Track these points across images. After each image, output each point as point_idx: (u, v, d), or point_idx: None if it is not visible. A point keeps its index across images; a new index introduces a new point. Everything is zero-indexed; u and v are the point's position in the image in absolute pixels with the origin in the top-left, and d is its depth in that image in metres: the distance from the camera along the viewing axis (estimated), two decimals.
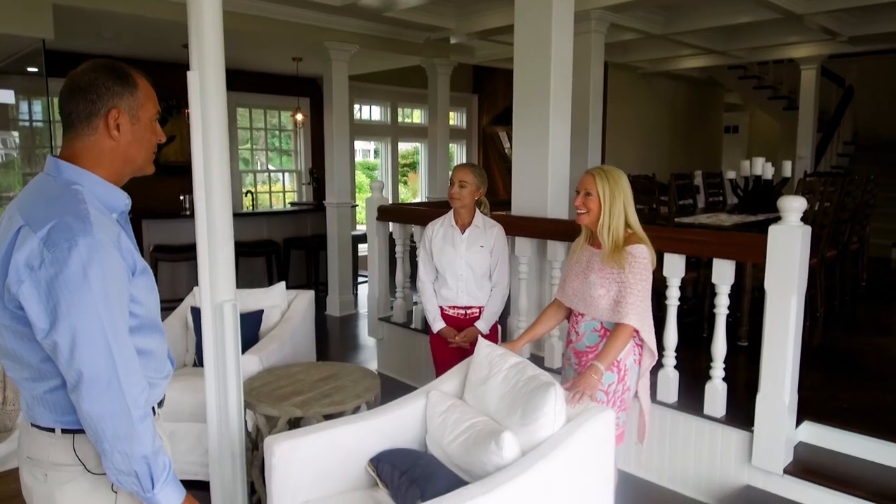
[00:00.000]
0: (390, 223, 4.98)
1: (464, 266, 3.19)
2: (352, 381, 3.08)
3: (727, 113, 12.45)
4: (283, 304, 4.05)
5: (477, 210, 3.26)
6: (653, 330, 2.48)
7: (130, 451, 1.31)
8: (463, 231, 3.22)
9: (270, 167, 9.48)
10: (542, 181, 3.99)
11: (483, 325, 3.21)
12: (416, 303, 4.82)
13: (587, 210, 2.45)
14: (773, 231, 2.80)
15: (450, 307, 3.26)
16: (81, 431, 1.36)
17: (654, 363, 2.55)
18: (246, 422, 3.06)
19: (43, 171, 1.42)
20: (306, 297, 4.14)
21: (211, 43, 2.56)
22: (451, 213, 3.28)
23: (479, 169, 3.30)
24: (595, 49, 6.01)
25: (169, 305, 4.63)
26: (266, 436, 2.83)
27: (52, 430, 1.39)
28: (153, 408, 1.54)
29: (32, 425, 1.41)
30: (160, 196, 7.61)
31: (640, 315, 2.38)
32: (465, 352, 3.16)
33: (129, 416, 1.31)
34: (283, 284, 4.12)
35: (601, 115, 6.50)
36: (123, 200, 1.46)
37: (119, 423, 1.30)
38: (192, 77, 2.56)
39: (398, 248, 4.91)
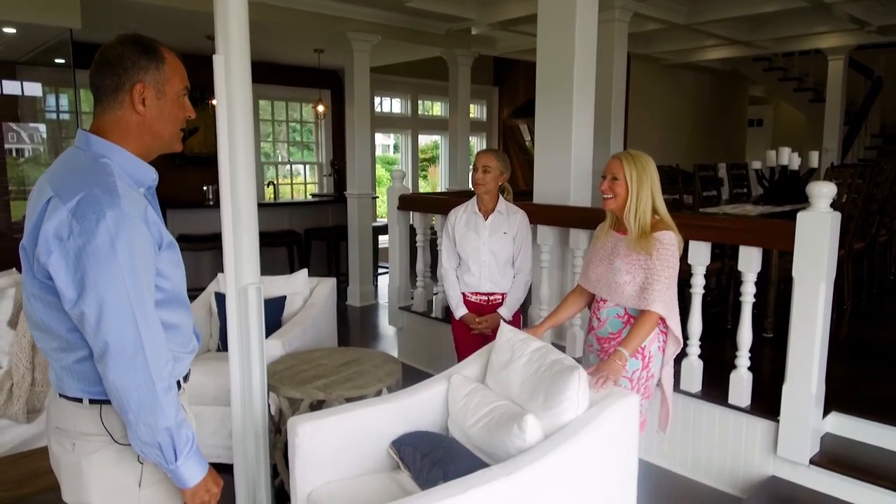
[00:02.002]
0: (411, 212, 4.98)
1: (487, 252, 3.18)
2: (373, 366, 3.09)
3: (751, 106, 12.28)
4: (306, 291, 4.08)
5: (500, 196, 3.24)
6: (678, 317, 2.44)
7: (154, 422, 1.33)
8: (486, 217, 3.20)
9: (292, 159, 9.54)
10: (565, 168, 3.96)
11: (506, 312, 3.20)
12: (436, 292, 4.82)
13: (613, 195, 2.41)
14: (802, 217, 2.75)
15: (472, 294, 3.25)
16: (108, 402, 1.37)
17: (678, 351, 2.51)
18: (269, 405, 3.09)
19: (73, 143, 1.43)
20: (328, 285, 4.16)
21: (236, 27, 2.58)
22: (474, 199, 3.27)
23: (502, 154, 3.28)
24: (618, 38, 5.95)
25: (192, 294, 4.69)
26: (289, 418, 2.86)
27: (80, 401, 1.41)
28: (178, 382, 1.56)
29: (61, 395, 1.43)
30: (185, 186, 7.71)
31: (666, 302, 2.34)
32: (487, 338, 3.15)
33: (154, 387, 1.32)
34: (305, 272, 4.15)
35: (624, 106, 6.45)
36: (151, 175, 1.48)
37: (144, 394, 1.32)
38: (218, 60, 2.58)
39: (419, 238, 4.91)
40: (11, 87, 7.26)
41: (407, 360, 5.05)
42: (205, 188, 7.43)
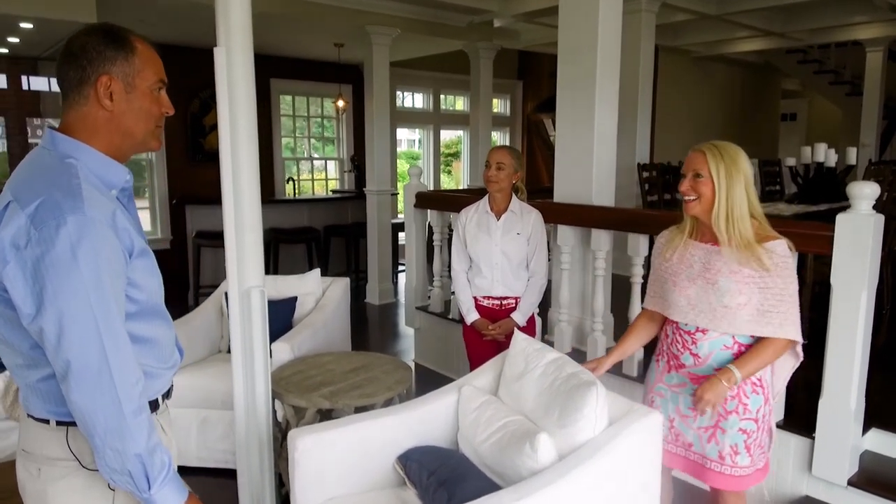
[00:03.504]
0: (428, 210, 4.85)
1: (499, 254, 3.02)
2: (383, 373, 2.96)
3: (785, 100, 11.88)
4: (318, 291, 3.97)
5: (514, 195, 3.08)
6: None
7: (123, 448, 1.21)
8: (498, 217, 3.04)
9: (314, 155, 9.46)
10: (587, 166, 3.79)
11: (519, 317, 3.04)
12: (454, 292, 4.67)
13: (697, 196, 1.98)
14: (842, 220, 2.55)
15: (484, 297, 3.10)
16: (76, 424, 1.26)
17: (796, 366, 2.14)
18: (275, 411, 2.99)
19: (40, 144, 1.32)
20: (341, 285, 4.04)
21: (238, 18, 2.46)
22: (485, 198, 3.11)
23: (517, 151, 3.13)
24: (645, 29, 5.74)
25: (209, 291, 4.63)
26: (294, 427, 2.75)
27: (47, 422, 1.30)
28: (158, 399, 1.44)
29: (28, 416, 1.32)
30: (203, 182, 7.68)
31: (797, 325, 1.96)
32: (501, 345, 3.01)
33: (121, 409, 1.20)
34: (317, 272, 4.04)
35: (651, 100, 6.23)
36: (123, 176, 1.36)
37: (110, 416, 1.20)
38: (219, 54, 2.47)
39: (436, 236, 4.78)
40: (39, 84, 7.30)
41: (423, 362, 4.93)
42: None
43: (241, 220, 2.57)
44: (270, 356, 3.19)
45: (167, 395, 1.51)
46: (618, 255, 3.87)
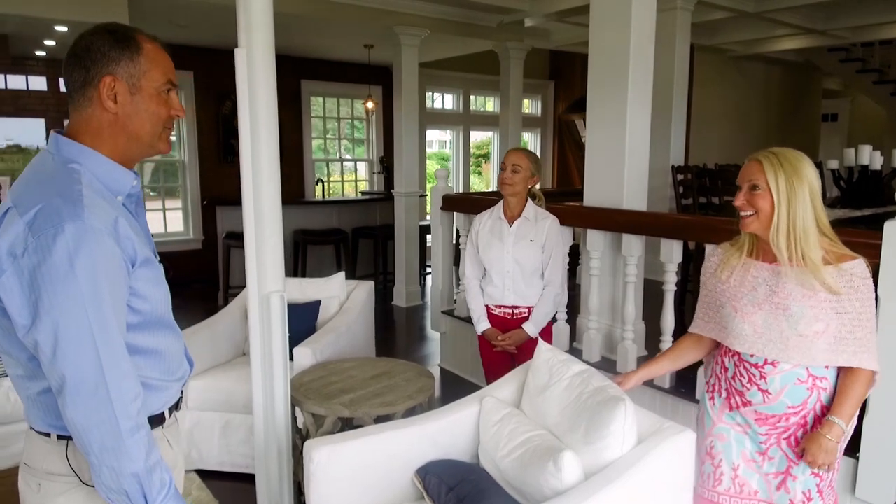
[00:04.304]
0: (454, 213, 4.77)
1: (511, 262, 2.89)
2: (405, 381, 2.89)
3: (825, 99, 11.51)
4: (343, 294, 3.93)
5: (529, 201, 2.95)
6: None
7: (119, 466, 1.16)
8: (511, 223, 2.92)
9: (345, 156, 9.47)
10: (618, 170, 3.67)
11: (531, 328, 2.90)
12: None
13: (754, 210, 1.75)
14: (891, 227, 2.40)
15: (496, 306, 2.97)
16: None
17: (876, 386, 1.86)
18: (295, 417, 2.94)
19: (45, 148, 1.28)
20: (366, 288, 3.99)
21: (260, 19, 2.42)
22: (500, 203, 2.99)
23: (534, 154, 2.97)
24: (680, 27, 5.59)
25: (238, 292, 4.63)
26: (313, 435, 2.70)
27: (48, 435, 1.25)
28: (165, 412, 1.39)
29: (30, 428, 1.28)
30: (233, 184, 7.67)
31: (873, 353, 1.75)
32: (514, 356, 2.92)
33: (118, 427, 1.15)
34: (342, 275, 3.99)
35: (686, 99, 6.06)
36: (130, 181, 1.31)
37: (106, 434, 1.15)
38: (240, 55, 2.43)
39: (462, 239, 4.70)
40: None
41: (449, 367, 4.86)
42: None
43: (262, 223, 2.52)
44: (291, 360, 3.16)
45: (176, 406, 1.46)
46: (650, 258, 3.75)
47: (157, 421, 1.38)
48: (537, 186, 3.04)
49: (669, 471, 1.89)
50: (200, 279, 7.56)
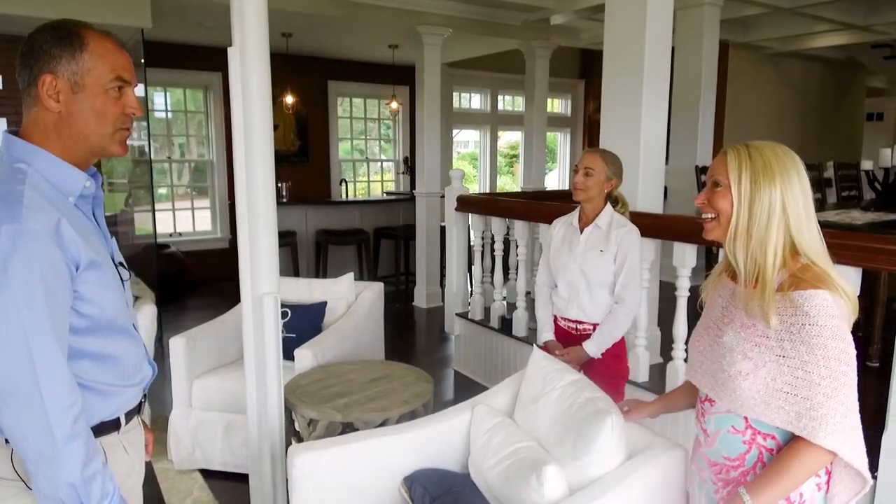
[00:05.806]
0: (469, 214, 4.70)
1: (577, 272, 2.63)
2: (403, 385, 2.83)
3: (870, 98, 11.08)
4: (351, 295, 3.89)
5: (608, 207, 2.65)
6: (861, 442, 1.36)
7: (54, 474, 1.12)
8: (582, 231, 2.67)
9: (370, 156, 9.47)
10: (633, 171, 3.54)
11: (592, 347, 2.59)
12: (495, 299, 4.50)
13: (715, 213, 1.41)
14: None
15: (562, 318, 2.73)
16: None
17: (862, 494, 1.40)
18: (293, 420, 2.91)
19: None
20: (374, 290, 3.95)
21: (253, 17, 2.39)
22: (577, 209, 2.76)
23: (613, 156, 2.67)
24: (708, 24, 5.40)
25: None
26: (307, 439, 2.66)
27: None
28: (121, 418, 1.36)
29: None
30: None
31: (843, 429, 1.30)
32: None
33: (52, 435, 1.12)
34: (350, 275, 3.95)
35: (714, 97, 5.87)
36: (81, 182, 1.27)
37: (41, 442, 1.11)
38: (233, 54, 2.40)
39: (475, 241, 4.63)
40: None
41: (462, 370, 4.78)
42: (279, 185, 7.45)
43: (255, 224, 2.49)
44: (293, 361, 3.13)
45: (138, 410, 1.43)
46: (667, 261, 3.62)
47: (111, 427, 1.35)
48: (619, 190, 2.73)
49: (658, 489, 1.79)
50: (227, 278, 7.63)
